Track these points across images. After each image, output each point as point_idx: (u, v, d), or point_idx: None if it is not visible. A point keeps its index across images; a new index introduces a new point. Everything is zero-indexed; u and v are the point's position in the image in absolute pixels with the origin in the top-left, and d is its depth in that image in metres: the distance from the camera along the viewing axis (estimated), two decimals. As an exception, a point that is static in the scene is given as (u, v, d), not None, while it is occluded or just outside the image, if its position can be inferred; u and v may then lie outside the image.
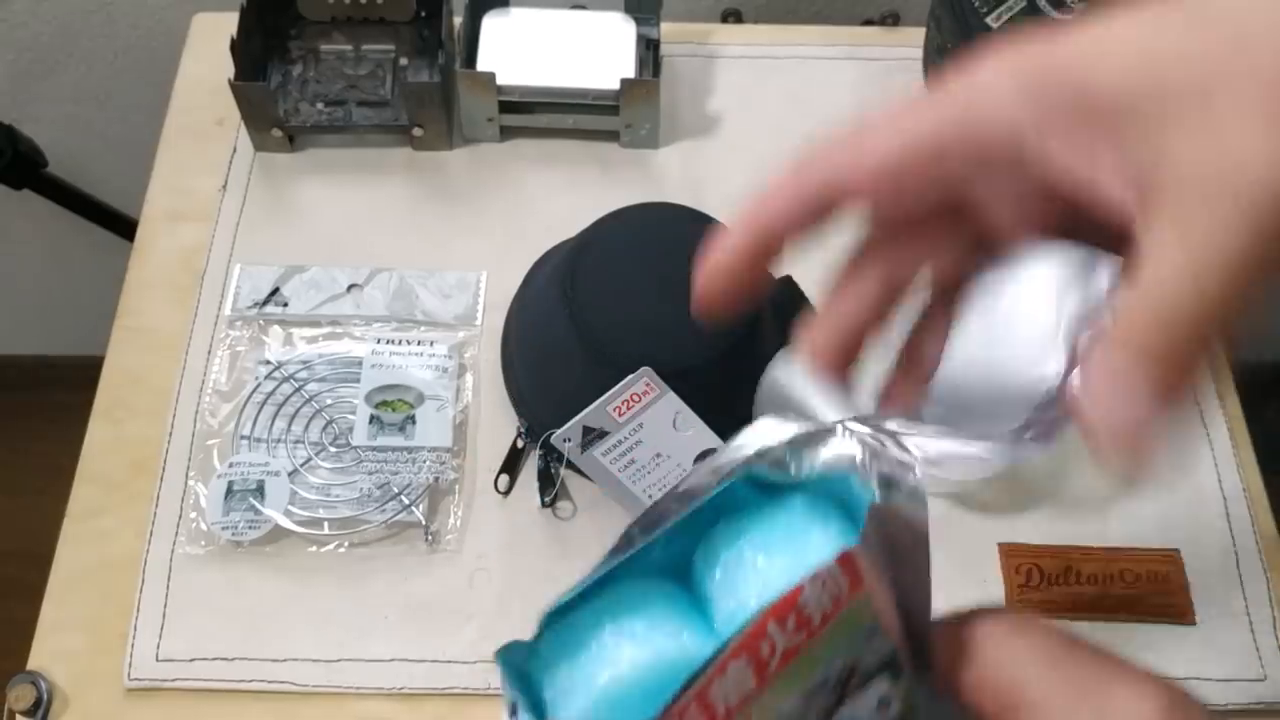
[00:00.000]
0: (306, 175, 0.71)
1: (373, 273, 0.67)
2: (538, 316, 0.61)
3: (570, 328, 0.56)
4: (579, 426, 0.54)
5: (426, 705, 0.56)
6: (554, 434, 0.55)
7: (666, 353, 0.54)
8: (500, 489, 0.60)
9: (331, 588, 0.58)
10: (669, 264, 0.56)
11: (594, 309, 0.56)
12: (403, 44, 0.74)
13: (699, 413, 0.55)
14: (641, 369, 0.53)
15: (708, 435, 0.55)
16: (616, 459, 0.56)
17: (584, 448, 0.55)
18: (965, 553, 0.60)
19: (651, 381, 0.53)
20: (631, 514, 0.59)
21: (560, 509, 0.60)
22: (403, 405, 0.61)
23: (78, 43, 0.97)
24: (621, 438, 0.55)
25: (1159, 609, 0.58)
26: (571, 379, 0.58)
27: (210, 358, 0.64)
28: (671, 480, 0.57)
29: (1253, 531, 0.61)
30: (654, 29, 0.72)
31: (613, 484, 0.57)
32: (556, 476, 0.60)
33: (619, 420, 0.54)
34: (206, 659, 0.56)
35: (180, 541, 0.59)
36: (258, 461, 0.60)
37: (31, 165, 0.99)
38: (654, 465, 0.56)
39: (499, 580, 0.59)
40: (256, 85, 0.68)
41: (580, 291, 0.56)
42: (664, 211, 0.61)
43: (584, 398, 0.54)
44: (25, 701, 0.54)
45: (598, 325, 0.56)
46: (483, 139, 0.72)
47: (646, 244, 0.59)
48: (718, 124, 0.74)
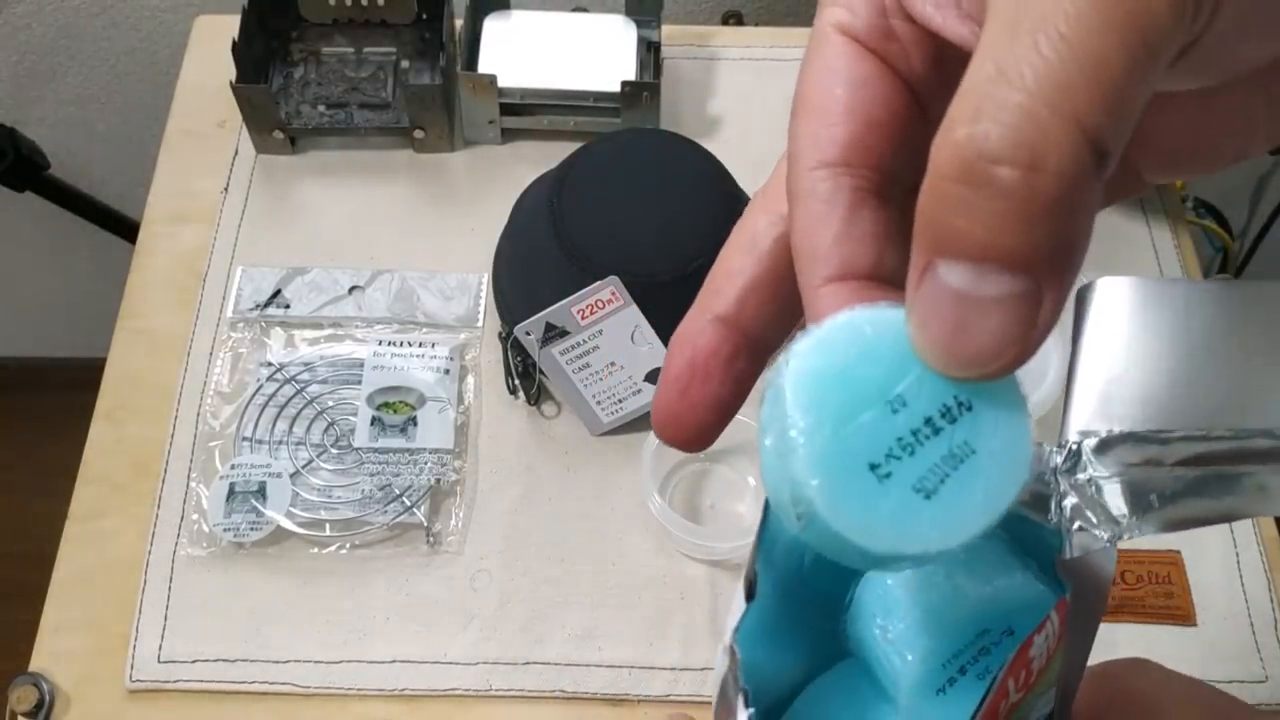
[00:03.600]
0: (308, 177, 0.71)
1: (374, 274, 0.67)
2: (528, 220, 0.63)
3: (551, 232, 0.59)
4: (542, 322, 0.57)
5: (428, 706, 0.56)
6: (519, 326, 0.58)
7: (635, 264, 0.57)
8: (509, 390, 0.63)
9: (333, 589, 0.58)
10: (654, 185, 0.60)
11: (575, 217, 0.59)
12: (404, 46, 0.74)
13: (658, 332, 0.58)
14: (610, 277, 0.56)
15: (662, 353, 0.58)
16: (573, 360, 0.59)
17: (544, 343, 0.57)
18: (966, 554, 0.60)
19: (617, 290, 0.56)
20: (582, 420, 0.61)
21: (545, 409, 0.63)
22: (404, 407, 0.62)
23: (80, 45, 0.97)
24: (581, 339, 0.58)
25: (1159, 609, 0.58)
26: (549, 282, 0.59)
27: (212, 359, 0.64)
28: (621, 392, 0.60)
29: (1253, 532, 0.61)
30: (655, 31, 0.72)
31: (566, 384, 0.60)
32: (534, 374, 0.61)
33: (581, 324, 0.57)
34: (208, 660, 0.56)
35: (182, 543, 0.59)
36: (259, 463, 0.60)
37: (33, 167, 1.00)
38: (607, 373, 0.59)
39: (500, 582, 0.59)
40: (258, 87, 0.68)
41: (566, 199, 0.59)
42: (657, 137, 0.63)
43: (557, 301, 0.57)
44: (27, 703, 0.54)
45: (575, 231, 0.58)
46: (484, 141, 0.73)
47: (636, 165, 0.61)
48: (718, 126, 0.74)
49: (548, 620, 0.58)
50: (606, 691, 0.56)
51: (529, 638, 0.57)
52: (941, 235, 0.17)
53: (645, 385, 0.60)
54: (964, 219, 0.17)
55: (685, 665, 0.57)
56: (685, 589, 0.59)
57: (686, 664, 0.57)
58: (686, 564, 0.59)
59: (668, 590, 0.59)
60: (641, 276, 0.57)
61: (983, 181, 0.16)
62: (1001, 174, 0.16)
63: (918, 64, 0.22)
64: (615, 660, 0.57)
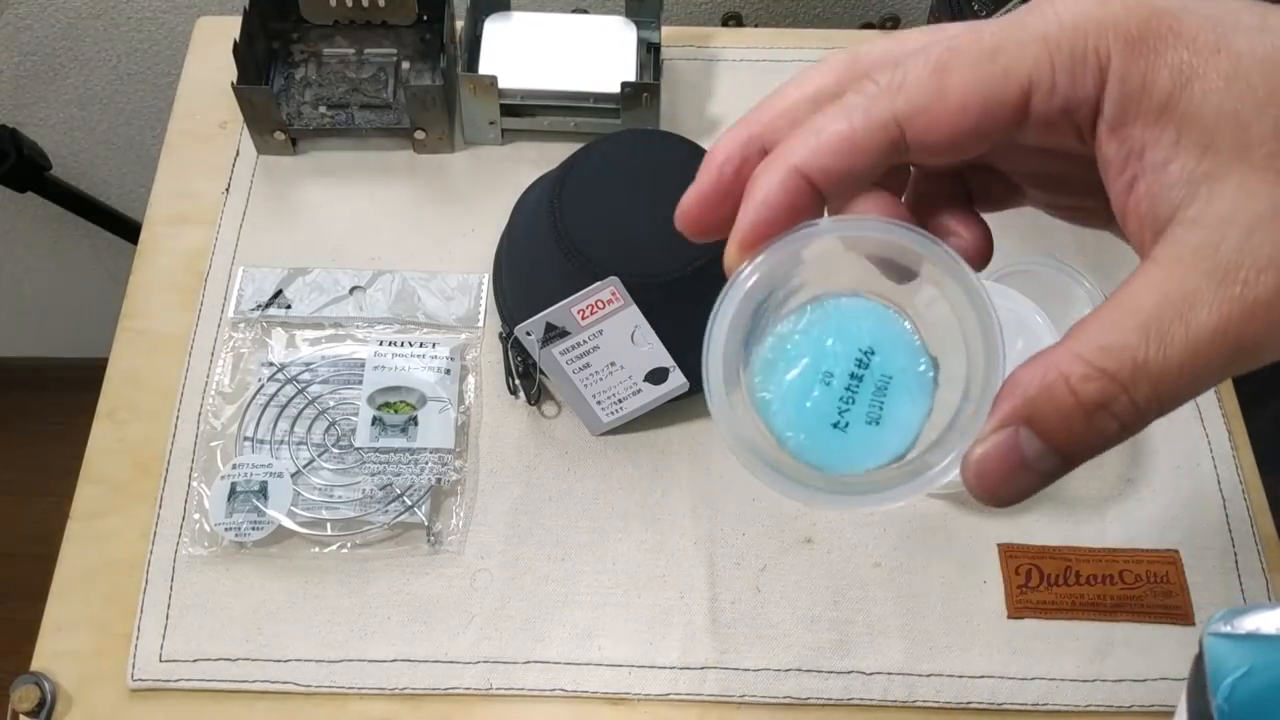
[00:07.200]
0: (309, 178, 0.72)
1: (375, 275, 0.67)
2: (528, 220, 0.64)
3: (552, 232, 0.59)
4: (542, 322, 0.57)
5: (428, 705, 0.56)
6: (520, 326, 0.58)
7: (635, 264, 0.57)
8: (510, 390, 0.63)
9: (334, 588, 0.58)
10: (654, 185, 0.60)
11: (576, 215, 0.59)
12: (405, 47, 0.74)
13: (658, 333, 0.58)
14: (610, 277, 0.56)
15: (661, 354, 0.58)
16: (573, 360, 0.59)
17: (544, 344, 0.57)
18: (965, 553, 0.60)
19: (617, 291, 0.56)
20: (582, 420, 0.62)
21: (545, 409, 0.63)
22: (405, 407, 0.62)
23: (81, 46, 0.97)
24: (581, 340, 0.58)
25: (1159, 609, 0.59)
26: (549, 282, 0.60)
27: (213, 359, 0.64)
28: (621, 392, 0.60)
29: (1252, 532, 0.61)
30: (654, 32, 0.73)
31: (566, 384, 0.60)
32: (535, 374, 0.62)
33: (581, 324, 0.57)
34: (210, 659, 0.56)
35: (184, 542, 0.59)
36: (261, 463, 0.60)
37: (35, 168, 1.00)
38: (607, 373, 0.59)
39: (501, 581, 0.59)
40: (259, 88, 0.68)
41: (566, 199, 0.59)
42: (661, 139, 0.64)
43: (557, 301, 0.57)
44: (29, 702, 0.55)
45: (576, 230, 0.58)
46: (484, 142, 0.73)
47: (638, 166, 0.61)
48: (718, 127, 0.74)
49: (548, 619, 0.58)
50: (606, 691, 0.56)
51: (529, 637, 0.57)
52: (1042, 422, 0.25)
53: (645, 385, 0.60)
54: (1067, 429, 0.24)
55: (685, 665, 0.57)
56: (685, 589, 0.59)
57: (686, 664, 0.57)
58: (686, 563, 0.59)
59: (668, 590, 0.59)
60: (641, 276, 0.57)
61: (1098, 419, 0.24)
62: (1111, 426, 0.24)
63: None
64: (615, 660, 0.57)
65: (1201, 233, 0.24)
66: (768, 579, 0.59)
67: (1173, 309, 0.23)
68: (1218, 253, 0.23)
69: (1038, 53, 0.25)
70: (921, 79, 0.25)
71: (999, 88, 0.25)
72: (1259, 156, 0.23)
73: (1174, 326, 0.23)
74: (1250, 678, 0.24)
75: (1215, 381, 0.24)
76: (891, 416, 0.27)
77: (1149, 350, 0.23)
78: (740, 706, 0.56)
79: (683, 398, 0.61)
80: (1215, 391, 0.65)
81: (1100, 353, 0.24)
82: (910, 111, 0.25)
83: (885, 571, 0.60)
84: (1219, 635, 0.25)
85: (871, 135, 0.25)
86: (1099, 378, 0.24)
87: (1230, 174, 0.24)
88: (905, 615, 0.58)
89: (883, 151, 0.26)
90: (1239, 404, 0.65)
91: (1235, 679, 0.24)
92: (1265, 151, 0.23)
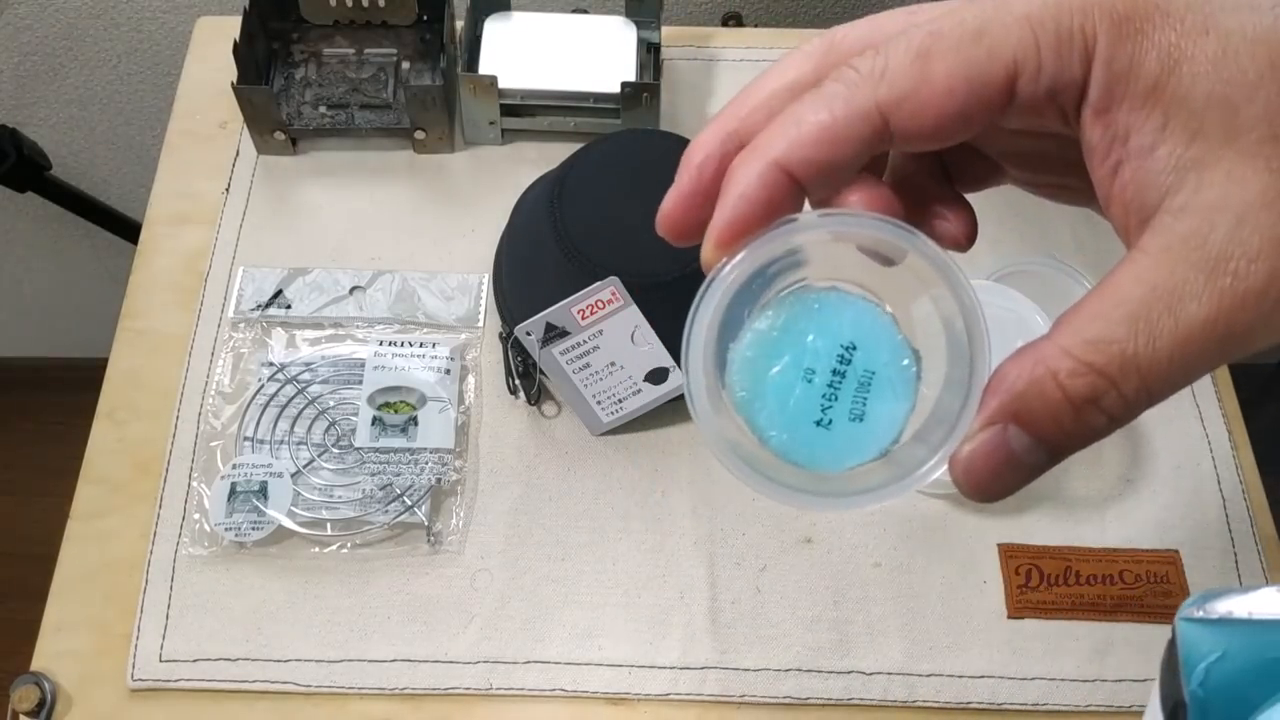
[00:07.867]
0: (309, 178, 0.72)
1: (375, 275, 0.67)
2: (528, 220, 0.64)
3: (552, 232, 0.59)
4: (542, 322, 0.57)
5: (429, 705, 0.56)
6: (520, 326, 0.58)
7: (635, 264, 0.57)
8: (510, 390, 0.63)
9: (334, 588, 0.58)
10: (654, 185, 0.59)
11: (576, 215, 0.59)
12: (405, 47, 0.74)
13: (658, 333, 0.58)
14: (610, 277, 0.56)
15: (661, 354, 0.58)
16: (573, 360, 0.59)
17: (545, 344, 0.57)
18: (965, 553, 0.60)
19: (617, 291, 0.57)
20: (582, 420, 0.62)
21: (545, 409, 0.63)
22: (405, 407, 0.62)
23: (81, 46, 0.97)
24: (581, 340, 0.58)
25: (1159, 609, 0.59)
26: (549, 282, 0.60)
27: (213, 359, 0.64)
28: (621, 392, 0.60)
29: (1252, 532, 0.61)
30: (655, 32, 0.73)
31: (566, 384, 0.60)
32: (535, 374, 0.62)
33: (581, 324, 0.57)
34: (210, 659, 0.56)
35: (184, 542, 0.59)
36: (261, 463, 0.60)
37: (35, 168, 1.00)
38: (607, 373, 0.59)
39: (501, 581, 0.59)
40: (259, 88, 0.68)
41: (566, 199, 0.59)
42: (661, 139, 0.64)
43: (557, 301, 0.57)
44: (29, 702, 0.55)
45: (575, 231, 0.59)
46: (484, 142, 0.73)
47: (636, 165, 0.61)
48: (718, 127, 0.74)
49: (548, 619, 0.58)
50: (606, 691, 0.56)
51: (529, 637, 0.57)
52: (1030, 418, 0.24)
53: (645, 385, 0.60)
54: (1055, 425, 0.24)
55: (685, 665, 0.57)
56: (685, 589, 0.59)
57: (686, 664, 0.57)
58: (687, 563, 0.59)
59: (668, 590, 0.59)
60: (641, 276, 0.57)
61: (1086, 414, 0.24)
62: (1100, 420, 0.24)
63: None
64: (615, 660, 0.57)
65: (1190, 221, 0.23)
66: (768, 579, 0.59)
67: (1161, 301, 0.23)
68: (1207, 243, 0.23)
69: (1022, 33, 0.24)
70: (904, 65, 0.24)
71: (983, 71, 0.24)
72: (1249, 142, 0.23)
73: (1163, 319, 0.23)
74: (1224, 662, 0.24)
75: (1206, 371, 0.24)
76: (875, 413, 0.27)
77: (1138, 343, 0.23)
78: (740, 706, 0.56)
79: (682, 398, 0.61)
80: (1215, 391, 0.65)
81: (1088, 347, 0.24)
82: (894, 99, 0.25)
83: (885, 571, 0.60)
84: (1191, 620, 0.24)
85: (853, 125, 0.25)
86: (1087, 373, 0.24)
87: (1219, 160, 0.23)
88: (905, 615, 0.58)
89: (865, 141, 0.25)
90: (1238, 404, 0.65)
91: (1209, 663, 0.24)
92: (1255, 137, 0.23)
